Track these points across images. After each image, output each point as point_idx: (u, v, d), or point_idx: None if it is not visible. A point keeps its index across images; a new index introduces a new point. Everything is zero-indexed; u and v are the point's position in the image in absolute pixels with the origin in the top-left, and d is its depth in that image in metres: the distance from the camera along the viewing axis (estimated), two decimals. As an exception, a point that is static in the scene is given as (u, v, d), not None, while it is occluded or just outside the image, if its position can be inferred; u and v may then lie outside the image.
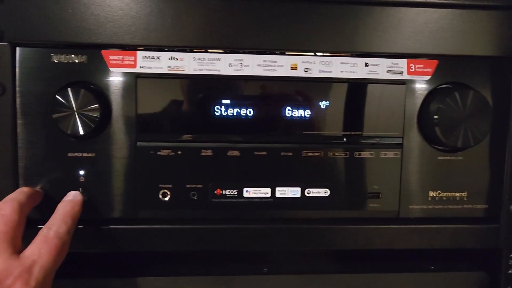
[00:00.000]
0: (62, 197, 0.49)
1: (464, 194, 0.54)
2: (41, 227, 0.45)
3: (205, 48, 0.50)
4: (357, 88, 0.52)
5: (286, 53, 0.51)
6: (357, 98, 0.52)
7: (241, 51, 0.50)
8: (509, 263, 0.56)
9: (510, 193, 0.54)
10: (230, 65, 0.50)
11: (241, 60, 0.50)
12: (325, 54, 0.51)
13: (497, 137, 0.53)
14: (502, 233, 0.55)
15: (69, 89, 0.47)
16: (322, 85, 0.52)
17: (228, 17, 0.49)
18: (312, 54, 0.51)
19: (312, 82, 0.51)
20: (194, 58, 0.50)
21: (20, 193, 0.46)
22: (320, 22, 0.50)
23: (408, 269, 0.57)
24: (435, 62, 0.52)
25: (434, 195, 0.54)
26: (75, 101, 0.47)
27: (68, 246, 0.45)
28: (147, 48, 0.49)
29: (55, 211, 0.47)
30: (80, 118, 0.47)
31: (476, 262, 0.58)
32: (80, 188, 0.50)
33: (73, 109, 0.47)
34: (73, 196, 0.49)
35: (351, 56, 0.51)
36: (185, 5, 0.48)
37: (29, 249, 0.42)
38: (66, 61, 0.49)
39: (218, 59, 0.50)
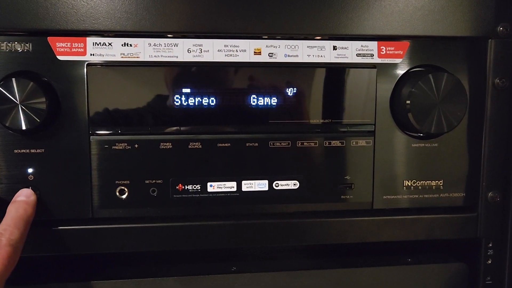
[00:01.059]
0: (11, 197, 0.46)
1: (440, 183, 0.52)
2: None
3: (161, 33, 0.46)
4: (325, 73, 0.49)
5: (249, 37, 0.48)
6: (326, 84, 0.49)
7: (200, 36, 0.47)
8: (488, 253, 0.54)
9: (488, 180, 0.52)
10: (189, 50, 0.47)
11: (200, 45, 0.47)
12: (290, 37, 0.48)
13: (473, 121, 0.51)
14: (480, 222, 0.53)
15: (12, 80, 0.43)
16: (288, 70, 0.48)
17: (184, -1, 0.46)
18: (277, 38, 0.48)
19: (277, 68, 0.48)
20: (150, 44, 0.46)
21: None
22: (284, 3, 0.47)
23: (385, 263, 0.55)
24: (406, 44, 0.49)
25: (409, 184, 0.51)
26: (18, 92, 0.43)
27: (20, 252, 0.42)
28: (98, 34, 0.46)
29: (6, 213, 0.43)
30: (23, 111, 0.43)
31: (454, 253, 0.56)
32: (30, 187, 0.46)
33: (17, 102, 0.43)
34: (26, 196, 0.45)
35: (318, 39, 0.48)
36: (136, -14, 0.45)
37: None
38: (8, 50, 0.45)
39: (176, 45, 0.47)
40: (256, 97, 0.48)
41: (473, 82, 0.51)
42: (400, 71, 0.50)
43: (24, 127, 0.43)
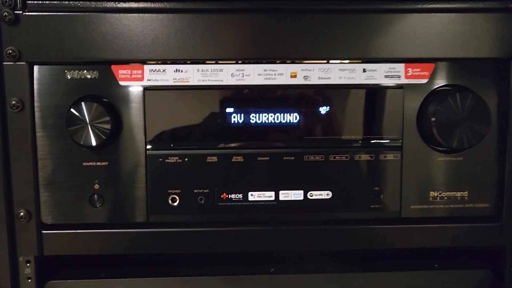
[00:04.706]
0: (80, 204, 0.53)
1: (465, 194, 0.55)
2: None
3: (208, 60, 0.52)
4: (356, 93, 0.54)
5: (286, 61, 0.53)
6: (356, 103, 0.54)
7: (242, 62, 0.53)
8: (513, 261, 0.57)
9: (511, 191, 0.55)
10: (232, 75, 0.53)
11: (242, 70, 0.53)
12: (323, 61, 0.53)
13: (497, 137, 0.54)
14: (505, 231, 0.56)
15: (82, 103, 0.51)
16: (322, 91, 0.54)
17: (229, 29, 0.51)
18: (311, 62, 0.53)
19: (311, 89, 0.53)
20: (198, 70, 0.53)
21: None
22: (317, 30, 0.52)
23: (413, 268, 0.58)
24: (432, 66, 0.53)
25: (435, 195, 0.55)
26: (88, 114, 0.51)
27: None
28: (154, 62, 0.52)
29: None
30: (92, 130, 0.50)
31: (480, 260, 0.59)
32: (95, 195, 0.53)
33: (86, 122, 0.51)
34: None
35: (349, 62, 0.53)
36: (187, 20, 0.51)
37: None
38: (78, 77, 0.52)
39: (221, 70, 0.53)
40: (292, 116, 0.54)
41: (497, 100, 0.54)
42: (426, 91, 0.54)
43: (93, 144, 0.50)
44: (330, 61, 0.53)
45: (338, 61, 0.53)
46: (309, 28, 0.52)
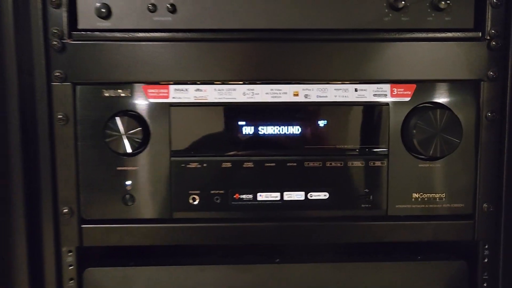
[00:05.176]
0: (114, 203, 0.62)
1: (443, 195, 0.64)
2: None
3: (223, 81, 0.62)
4: (349, 109, 0.63)
5: (289, 82, 0.62)
6: (349, 118, 0.63)
7: (252, 82, 0.62)
8: (485, 253, 0.65)
9: (482, 193, 0.64)
10: (244, 93, 0.62)
11: (252, 89, 0.62)
12: (321, 82, 0.62)
13: (470, 147, 0.63)
14: (477, 228, 0.65)
15: (117, 117, 0.60)
16: (320, 107, 0.63)
17: (241, 55, 0.61)
18: (311, 83, 0.62)
19: (311, 106, 0.63)
20: (215, 89, 0.62)
21: None
22: (316, 57, 0.61)
23: (399, 259, 0.67)
24: (413, 86, 0.63)
25: (417, 196, 0.64)
26: (122, 126, 0.60)
27: None
28: (178, 82, 0.62)
29: None
30: (127, 140, 0.60)
31: (456, 253, 0.68)
32: (127, 195, 0.63)
33: (121, 133, 0.60)
34: None
35: (343, 83, 0.63)
36: (206, 48, 0.60)
37: None
38: (114, 95, 0.61)
39: (234, 89, 0.62)
40: (294, 128, 0.63)
41: (469, 116, 0.63)
42: (409, 107, 0.63)
43: (129, 151, 0.60)
44: (327, 82, 0.62)
45: (334, 82, 0.62)
46: (309, 55, 0.61)
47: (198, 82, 0.62)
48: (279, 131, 0.63)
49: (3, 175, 0.60)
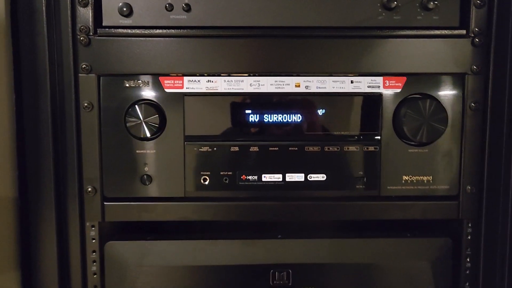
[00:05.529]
0: (135, 182, 0.69)
1: (430, 178, 0.71)
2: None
3: (232, 73, 0.69)
4: (345, 99, 0.70)
5: (292, 75, 0.69)
6: (345, 107, 0.70)
7: (258, 74, 0.69)
8: (468, 231, 0.72)
9: (466, 176, 0.70)
10: (251, 85, 0.69)
11: (258, 81, 0.69)
12: (320, 75, 0.69)
13: (455, 134, 0.70)
14: (461, 208, 0.71)
15: (136, 105, 0.67)
16: (319, 97, 0.70)
17: (248, 50, 0.67)
18: (311, 75, 0.69)
19: (311, 96, 0.70)
20: (225, 81, 0.69)
21: None
22: (316, 52, 0.67)
23: (390, 236, 0.74)
24: (404, 79, 0.69)
25: (407, 178, 0.71)
26: (141, 114, 0.67)
27: None
28: (191, 74, 0.68)
29: None
30: (146, 125, 0.67)
31: (442, 231, 0.74)
32: (145, 176, 0.70)
33: (141, 119, 0.67)
34: None
35: (340, 76, 0.69)
36: (217, 43, 0.67)
37: None
38: (134, 85, 0.68)
39: (242, 81, 0.69)
40: (296, 116, 0.70)
41: (455, 106, 0.69)
42: (400, 98, 0.69)
43: (148, 135, 0.67)
44: (326, 75, 0.69)
45: (332, 75, 0.69)
46: (310, 50, 0.67)
47: (210, 74, 0.68)
48: (282, 118, 0.70)
49: (34, 157, 0.67)
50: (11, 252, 0.68)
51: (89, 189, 0.69)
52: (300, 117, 0.70)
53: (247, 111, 0.69)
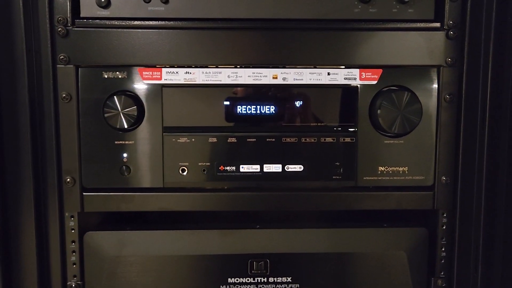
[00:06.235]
0: (114, 173, 0.70)
1: (406, 169, 0.72)
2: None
3: (210, 65, 0.69)
4: (322, 91, 0.71)
5: (269, 66, 0.70)
6: (322, 99, 0.71)
7: (236, 66, 0.69)
8: (443, 221, 0.73)
9: (441, 167, 0.71)
10: (229, 76, 0.70)
11: (236, 72, 0.70)
12: (297, 67, 0.70)
13: (430, 125, 0.71)
14: (436, 198, 0.72)
15: (115, 96, 0.68)
16: (296, 89, 0.70)
17: (226, 42, 0.68)
18: (288, 67, 0.70)
19: (288, 87, 0.70)
20: (203, 72, 0.69)
21: None
22: (292, 44, 0.68)
23: (367, 226, 0.75)
24: (380, 71, 0.70)
25: (383, 169, 0.72)
26: (119, 104, 0.68)
27: None
28: (169, 66, 0.69)
29: None
30: (124, 116, 0.67)
31: (418, 221, 0.76)
32: (124, 166, 0.70)
33: (119, 110, 0.68)
34: None
35: (317, 68, 0.70)
36: (195, 35, 0.67)
37: None
38: (112, 76, 0.69)
39: (220, 72, 0.69)
40: (273, 107, 0.71)
41: (430, 97, 0.70)
42: (375, 90, 0.70)
43: (126, 126, 0.67)
44: (303, 67, 0.70)
45: (309, 67, 0.70)
46: (287, 42, 0.68)
47: (188, 66, 0.69)
48: (259, 110, 0.71)
49: (13, 147, 0.68)
50: (-11, 242, 0.68)
51: (68, 179, 0.70)
52: (278, 108, 0.71)
53: (225, 103, 0.70)
